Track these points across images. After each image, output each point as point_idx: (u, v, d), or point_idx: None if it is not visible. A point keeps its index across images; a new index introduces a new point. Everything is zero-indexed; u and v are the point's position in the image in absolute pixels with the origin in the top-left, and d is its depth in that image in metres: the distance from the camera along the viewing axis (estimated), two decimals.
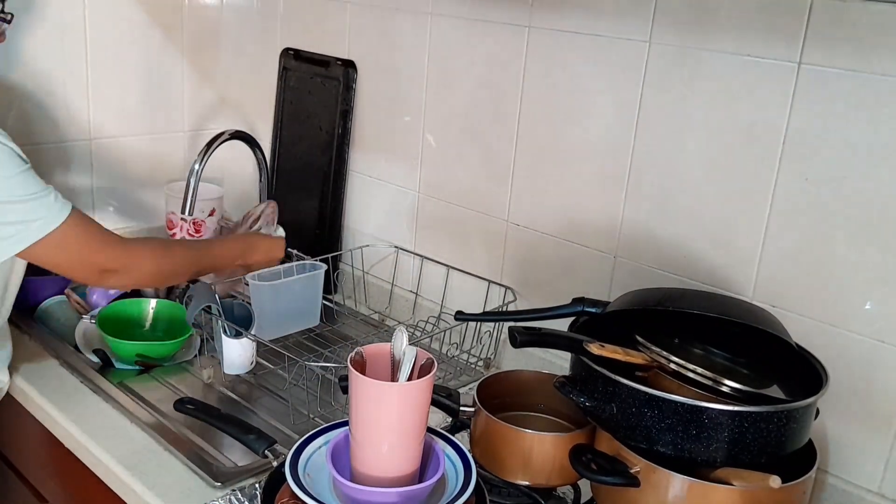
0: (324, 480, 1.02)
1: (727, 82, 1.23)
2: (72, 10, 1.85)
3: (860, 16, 1.09)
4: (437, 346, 1.59)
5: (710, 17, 1.24)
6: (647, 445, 1.01)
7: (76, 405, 1.36)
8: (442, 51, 1.61)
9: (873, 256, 1.14)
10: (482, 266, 1.63)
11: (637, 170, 1.37)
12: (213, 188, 2.07)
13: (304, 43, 1.89)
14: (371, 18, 1.73)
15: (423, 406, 0.97)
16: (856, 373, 1.17)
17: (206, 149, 1.67)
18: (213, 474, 1.19)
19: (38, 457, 1.51)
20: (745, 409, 0.98)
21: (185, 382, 1.53)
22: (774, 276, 1.24)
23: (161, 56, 2.03)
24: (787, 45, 1.17)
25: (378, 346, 1.01)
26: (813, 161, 1.17)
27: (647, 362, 1.07)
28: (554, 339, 1.11)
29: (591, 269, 1.46)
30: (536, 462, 1.12)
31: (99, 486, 1.26)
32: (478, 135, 1.58)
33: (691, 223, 1.31)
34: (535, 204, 1.52)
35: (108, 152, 2.00)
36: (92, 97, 1.93)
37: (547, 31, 1.44)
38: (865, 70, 1.10)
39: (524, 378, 1.27)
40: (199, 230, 1.99)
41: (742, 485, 0.97)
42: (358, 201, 1.85)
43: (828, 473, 1.22)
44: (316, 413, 1.39)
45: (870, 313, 1.15)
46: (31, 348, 1.52)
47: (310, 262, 1.64)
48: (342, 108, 1.80)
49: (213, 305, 1.45)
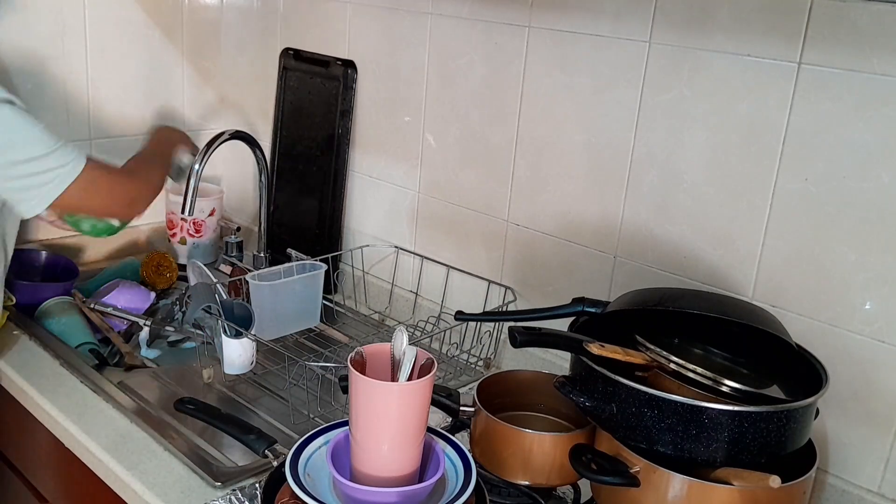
0: (324, 480, 1.02)
1: (727, 82, 1.23)
2: (72, 10, 1.85)
3: (860, 16, 1.10)
4: (437, 346, 1.59)
5: (710, 17, 1.24)
6: (647, 445, 1.01)
7: (76, 405, 1.36)
8: (442, 51, 1.61)
9: (873, 256, 1.14)
10: (482, 266, 1.63)
11: (637, 170, 1.37)
12: (213, 188, 2.07)
13: (304, 43, 1.89)
14: (371, 18, 1.73)
15: (423, 406, 0.97)
16: (856, 373, 1.17)
17: (207, 149, 1.67)
18: (213, 474, 1.19)
19: (38, 457, 1.51)
20: (745, 409, 0.98)
21: (185, 382, 1.53)
22: (774, 276, 1.24)
23: (161, 56, 2.03)
24: (787, 45, 1.17)
25: (378, 346, 1.01)
26: (813, 161, 1.17)
27: (647, 362, 1.08)
28: (554, 339, 1.11)
29: (591, 269, 1.46)
30: (536, 462, 1.12)
31: (99, 486, 1.26)
32: (478, 135, 1.58)
33: (691, 223, 1.31)
34: (535, 204, 1.52)
35: (108, 152, 2.00)
36: (92, 97, 1.93)
37: (547, 31, 1.44)
38: (865, 70, 1.10)
39: (524, 378, 1.27)
40: (199, 230, 1.99)
41: (742, 485, 0.97)
42: (358, 201, 1.85)
43: (828, 473, 1.22)
44: (316, 413, 1.39)
45: (870, 313, 1.15)
46: (31, 348, 1.52)
47: (310, 262, 1.64)
48: (342, 108, 1.80)
49: (213, 305, 1.45)
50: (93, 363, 1.53)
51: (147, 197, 1.49)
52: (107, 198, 1.40)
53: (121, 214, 1.47)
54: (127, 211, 1.47)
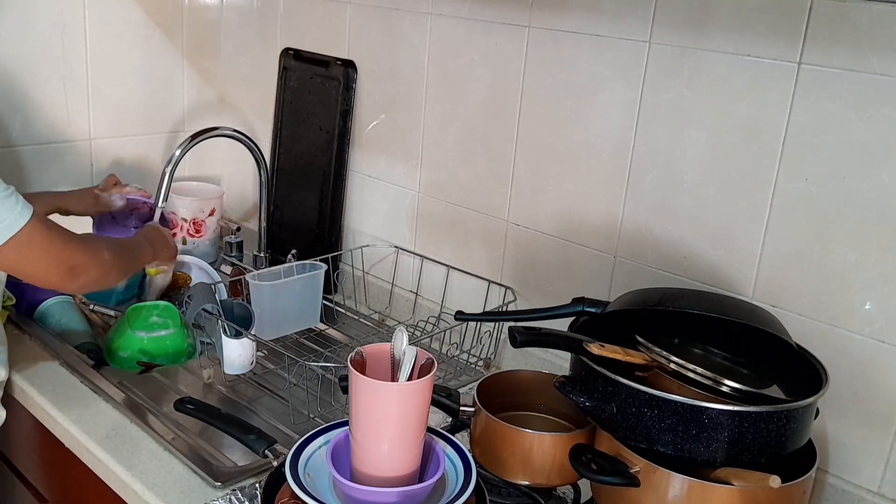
0: (324, 480, 1.02)
1: (727, 82, 1.23)
2: (72, 10, 1.85)
3: (860, 16, 1.10)
4: (437, 346, 1.59)
5: (710, 17, 1.24)
6: (647, 445, 1.01)
7: (76, 405, 1.36)
8: (442, 51, 1.61)
9: (873, 256, 1.14)
10: (482, 266, 1.63)
11: (637, 170, 1.37)
12: (213, 188, 2.07)
13: (304, 43, 1.89)
14: (371, 18, 1.73)
15: (423, 406, 0.97)
16: (856, 373, 1.17)
17: (190, 140, 1.67)
18: (213, 474, 1.19)
19: (38, 457, 1.51)
20: (745, 409, 0.98)
21: (185, 382, 1.53)
22: (774, 276, 1.24)
23: (161, 56, 2.03)
24: (787, 45, 1.17)
25: (378, 346, 1.01)
26: (813, 161, 1.17)
27: (647, 362, 1.08)
28: (554, 339, 1.11)
29: (591, 269, 1.46)
30: (536, 462, 1.12)
31: (98, 486, 1.26)
32: (478, 134, 1.58)
33: (691, 223, 1.32)
34: (535, 204, 1.52)
35: (108, 152, 2.00)
36: (92, 97, 1.93)
37: (547, 31, 1.44)
38: (865, 70, 1.10)
39: (524, 378, 1.27)
40: (199, 230, 1.99)
41: (742, 485, 0.97)
42: (358, 201, 1.85)
43: (828, 473, 1.22)
44: (316, 413, 1.39)
45: (870, 313, 1.15)
46: (31, 348, 1.52)
47: (310, 263, 1.64)
48: (342, 108, 1.80)
49: (212, 305, 1.45)
50: (93, 363, 1.53)
51: (91, 270, 1.32)
52: (41, 261, 1.24)
53: (58, 284, 1.31)
54: (65, 281, 1.30)
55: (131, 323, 1.56)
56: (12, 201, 1.18)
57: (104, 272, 1.35)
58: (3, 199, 1.17)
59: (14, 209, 1.18)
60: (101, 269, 1.34)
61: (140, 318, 1.58)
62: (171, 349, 1.56)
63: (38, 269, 1.26)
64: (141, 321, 1.57)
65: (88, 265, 1.31)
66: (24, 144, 1.84)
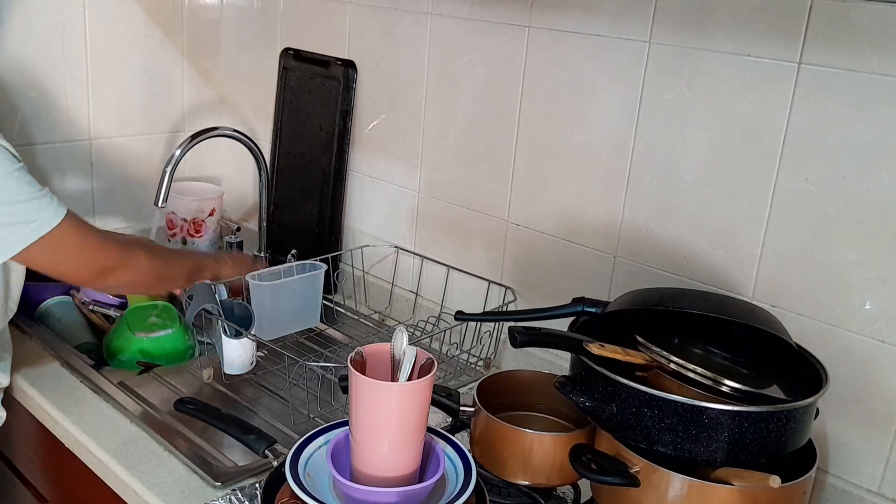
0: (324, 480, 1.02)
1: (727, 82, 1.23)
2: (72, 10, 1.85)
3: (860, 16, 1.09)
4: (437, 346, 1.59)
5: (710, 17, 1.24)
6: (647, 445, 1.01)
7: (76, 405, 1.36)
8: (442, 51, 1.61)
9: (873, 256, 1.14)
10: (482, 266, 1.63)
11: (637, 170, 1.37)
12: (212, 188, 2.07)
13: (304, 43, 1.89)
14: (371, 18, 1.73)
15: (423, 406, 0.97)
16: (856, 373, 1.17)
17: (190, 140, 1.67)
18: (213, 474, 1.19)
19: (38, 457, 1.51)
20: (745, 409, 0.98)
21: (185, 382, 1.53)
22: (774, 276, 1.24)
23: (161, 56, 2.03)
24: (787, 45, 1.17)
25: (378, 346, 1.01)
26: (813, 161, 1.17)
27: (647, 362, 1.08)
28: (554, 339, 1.11)
29: (591, 269, 1.46)
30: (536, 462, 1.12)
31: (99, 486, 1.26)
32: (478, 135, 1.58)
33: (691, 223, 1.31)
34: (535, 204, 1.52)
35: (108, 152, 2.00)
36: (92, 97, 1.93)
37: (547, 31, 1.44)
38: (865, 70, 1.10)
39: (524, 378, 1.27)
40: (199, 230, 1.99)
41: (742, 485, 0.97)
42: (358, 201, 1.85)
43: (828, 473, 1.22)
44: (316, 413, 1.39)
45: (870, 313, 1.15)
46: (31, 348, 1.52)
47: (310, 263, 1.64)
48: (342, 108, 1.80)
49: (213, 305, 1.45)
50: (92, 363, 1.53)
51: (122, 273, 1.34)
52: (73, 261, 1.27)
53: (88, 283, 1.33)
54: (96, 281, 1.33)
55: (130, 324, 1.56)
56: (46, 201, 1.21)
57: (137, 276, 1.38)
58: (37, 198, 1.20)
59: (48, 208, 1.21)
60: (133, 273, 1.37)
61: (139, 318, 1.58)
62: (170, 349, 1.56)
63: (70, 269, 1.29)
64: (139, 322, 1.57)
65: (120, 268, 1.34)
66: (25, 144, 1.83)
